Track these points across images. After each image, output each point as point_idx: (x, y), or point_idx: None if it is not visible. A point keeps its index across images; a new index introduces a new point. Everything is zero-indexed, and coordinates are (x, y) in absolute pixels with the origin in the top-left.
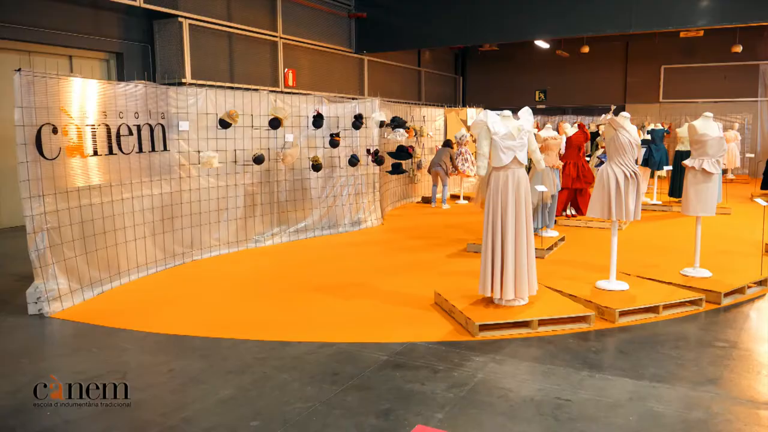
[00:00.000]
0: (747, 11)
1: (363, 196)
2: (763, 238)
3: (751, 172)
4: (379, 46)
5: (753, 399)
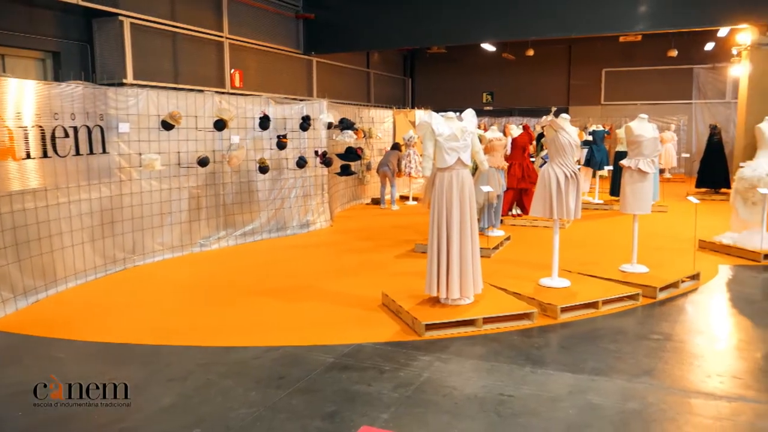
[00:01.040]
0: (682, 17)
1: (311, 198)
2: (696, 235)
3: (687, 171)
4: (327, 47)
5: (685, 388)
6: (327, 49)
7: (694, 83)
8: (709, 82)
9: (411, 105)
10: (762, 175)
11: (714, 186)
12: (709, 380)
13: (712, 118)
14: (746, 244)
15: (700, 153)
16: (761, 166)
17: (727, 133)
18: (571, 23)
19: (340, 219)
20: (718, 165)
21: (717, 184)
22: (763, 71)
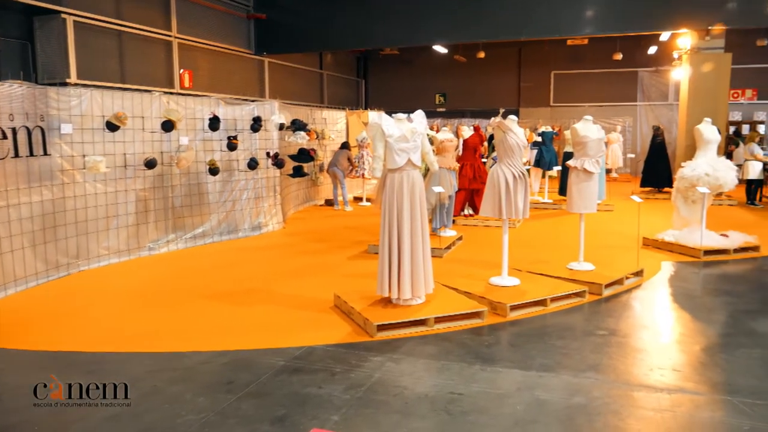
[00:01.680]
0: (626, 22)
1: (263, 200)
2: (639, 233)
3: (632, 171)
4: (279, 47)
5: (628, 382)
6: (279, 50)
7: (639, 86)
8: (652, 85)
9: (364, 106)
10: (701, 175)
11: (657, 185)
12: (651, 373)
13: (655, 119)
14: (687, 241)
15: (644, 153)
16: (700, 166)
17: (670, 134)
18: (520, 26)
19: (293, 221)
20: (661, 165)
21: (660, 183)
22: (702, 74)
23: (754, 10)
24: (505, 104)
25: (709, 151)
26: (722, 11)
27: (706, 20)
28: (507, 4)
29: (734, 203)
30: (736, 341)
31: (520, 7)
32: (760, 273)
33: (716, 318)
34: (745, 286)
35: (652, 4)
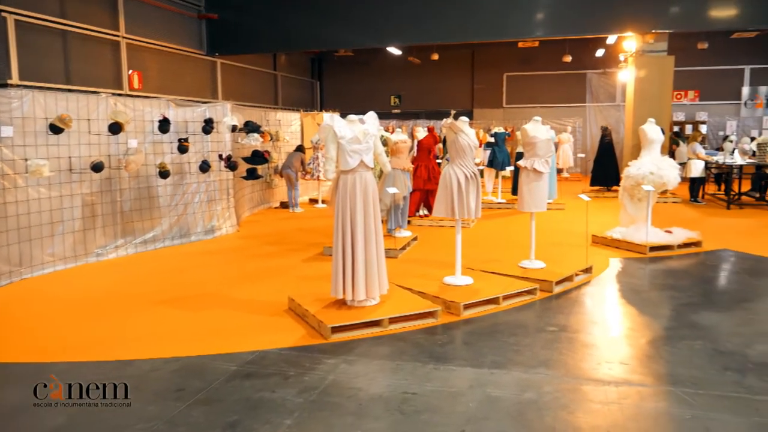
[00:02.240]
0: (575, 25)
1: (216, 203)
2: (588, 230)
3: (582, 170)
4: (232, 48)
5: (578, 376)
6: (231, 51)
7: (588, 87)
8: (600, 87)
9: (320, 107)
10: (646, 173)
11: (606, 184)
12: (599, 367)
13: (604, 120)
14: (633, 238)
15: (593, 153)
16: (645, 165)
17: (618, 134)
18: (473, 29)
19: (247, 224)
20: (609, 164)
21: (609, 182)
22: (646, 76)
23: (695, 15)
24: (459, 105)
25: (653, 150)
26: (665, 16)
27: (650, 24)
28: (459, 7)
29: (678, 201)
30: (679, 334)
31: (472, 9)
32: (702, 267)
33: (661, 312)
34: (688, 281)
35: (598, 9)
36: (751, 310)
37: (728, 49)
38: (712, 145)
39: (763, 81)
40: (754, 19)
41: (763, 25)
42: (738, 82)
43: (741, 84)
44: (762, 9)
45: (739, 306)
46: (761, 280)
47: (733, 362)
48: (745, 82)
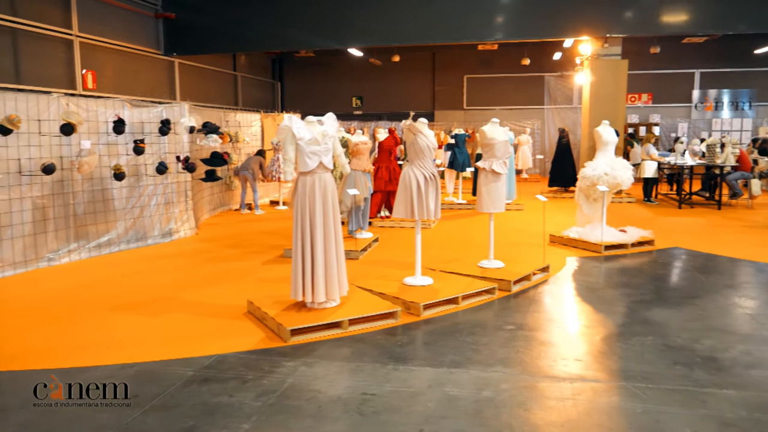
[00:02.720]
0: (533, 29)
1: (174, 206)
2: (545, 230)
3: (541, 171)
4: (189, 48)
5: (534, 374)
6: (189, 51)
7: (546, 90)
8: (558, 89)
9: (281, 109)
10: (600, 174)
11: (564, 184)
12: (555, 364)
13: (561, 122)
14: (589, 237)
15: (551, 154)
16: (600, 166)
17: (575, 135)
18: (433, 31)
19: (206, 226)
20: (567, 165)
21: (567, 182)
22: (602, 79)
23: (648, 20)
24: (420, 107)
25: (607, 151)
26: (619, 21)
27: (604, 29)
28: (420, 10)
29: (632, 200)
30: (631, 330)
31: (433, 12)
32: (655, 265)
33: (615, 309)
34: (641, 278)
35: (555, 13)
36: (699, 306)
37: (679, 53)
38: (664, 147)
39: (712, 84)
40: (703, 25)
41: (712, 30)
42: (688, 86)
43: (691, 87)
44: (710, 15)
45: (688, 302)
46: (710, 277)
47: (682, 357)
48: (695, 86)
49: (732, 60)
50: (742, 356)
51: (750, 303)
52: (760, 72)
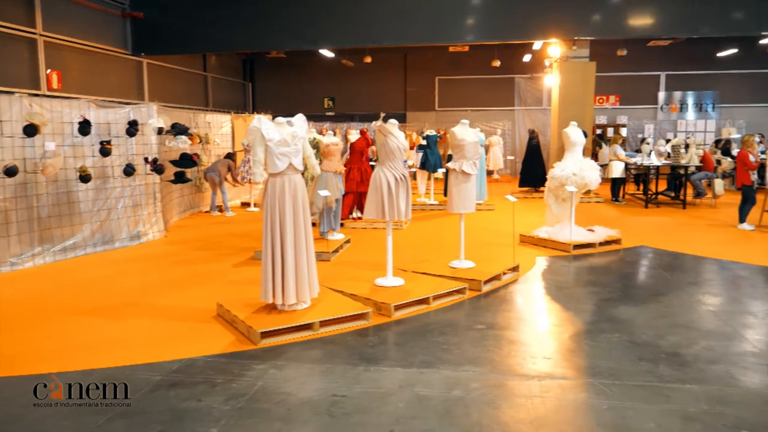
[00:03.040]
0: (503, 31)
1: (142, 208)
2: (514, 230)
3: (512, 172)
4: (159, 48)
5: (504, 372)
6: (158, 51)
7: (516, 91)
8: (528, 91)
9: (252, 110)
10: (569, 175)
11: (534, 185)
12: (524, 363)
13: (531, 123)
14: (558, 237)
15: (522, 155)
16: (568, 167)
17: (544, 136)
18: (405, 33)
19: (175, 229)
20: (537, 166)
21: (537, 183)
22: (570, 81)
23: (615, 24)
24: (392, 108)
25: (575, 152)
26: (587, 24)
27: (572, 31)
28: (392, 11)
29: (601, 200)
30: (599, 327)
31: (405, 14)
32: (622, 264)
33: (583, 307)
34: (609, 277)
35: (525, 16)
36: (664, 303)
37: (645, 56)
38: (631, 147)
39: (677, 86)
40: (668, 29)
41: (676, 33)
42: (654, 88)
43: (657, 89)
44: (675, 19)
45: (654, 300)
46: (675, 274)
47: (647, 353)
48: (661, 88)
49: (696, 63)
50: (704, 352)
51: (713, 300)
52: (723, 74)
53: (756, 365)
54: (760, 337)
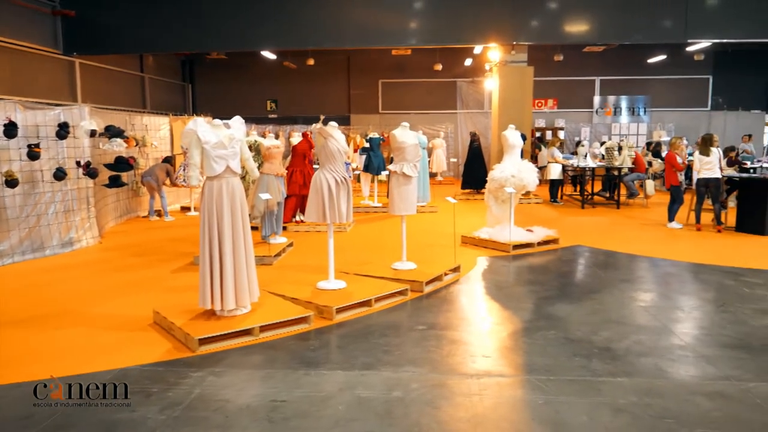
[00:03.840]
0: (444, 35)
1: (75, 214)
2: (455, 231)
3: (455, 174)
4: (92, 48)
5: (444, 371)
6: (92, 51)
7: (458, 95)
8: (470, 94)
9: (192, 112)
10: (508, 176)
11: (476, 187)
12: (464, 362)
13: (473, 126)
14: (498, 238)
15: (464, 158)
16: (507, 169)
17: (486, 139)
18: (347, 35)
19: (111, 234)
20: (478, 168)
21: (478, 185)
22: (509, 85)
23: (552, 30)
24: (336, 111)
25: (514, 154)
26: (525, 29)
27: (511, 37)
28: (334, 14)
29: (540, 201)
30: (536, 325)
31: (347, 16)
32: (559, 263)
33: (522, 306)
34: (547, 276)
35: (465, 21)
36: (598, 300)
37: (581, 61)
38: (569, 150)
39: (611, 91)
40: (603, 35)
41: (610, 40)
42: (590, 92)
43: (593, 94)
44: (609, 26)
45: (588, 297)
46: (608, 272)
47: (581, 349)
48: (596, 92)
49: (629, 68)
50: (634, 346)
51: (644, 296)
52: (654, 80)
53: (682, 357)
54: (686, 331)
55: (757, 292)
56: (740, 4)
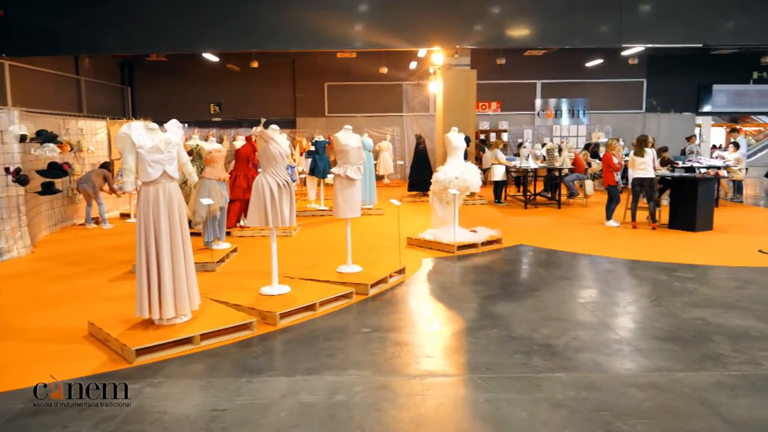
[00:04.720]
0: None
1: (4, 223)
2: (400, 233)
3: (402, 176)
4: (23, 49)
5: (388, 373)
6: (22, 52)
7: (404, 98)
8: (415, 97)
9: (132, 115)
10: (451, 178)
11: (422, 189)
12: (407, 363)
13: (419, 128)
14: (443, 239)
15: (411, 160)
16: (450, 170)
17: (432, 141)
18: (291, 38)
19: (45, 244)
20: (424, 170)
21: (424, 187)
22: (453, 88)
23: (495, 34)
24: (282, 114)
25: (457, 156)
26: (468, 33)
27: (454, 40)
28: (278, 16)
29: (484, 202)
30: (479, 324)
31: (292, 19)
32: (502, 262)
33: (466, 306)
34: (490, 275)
35: (409, 24)
36: (539, 298)
37: (523, 65)
38: (512, 151)
39: (552, 94)
40: (543, 40)
41: (550, 44)
42: (532, 95)
43: (534, 96)
44: (548, 31)
45: (530, 295)
46: (550, 270)
47: (521, 346)
48: (537, 95)
49: (568, 72)
50: (572, 341)
51: (583, 293)
52: (592, 83)
53: (618, 351)
54: (623, 325)
55: (687, 285)
56: (671, 11)
